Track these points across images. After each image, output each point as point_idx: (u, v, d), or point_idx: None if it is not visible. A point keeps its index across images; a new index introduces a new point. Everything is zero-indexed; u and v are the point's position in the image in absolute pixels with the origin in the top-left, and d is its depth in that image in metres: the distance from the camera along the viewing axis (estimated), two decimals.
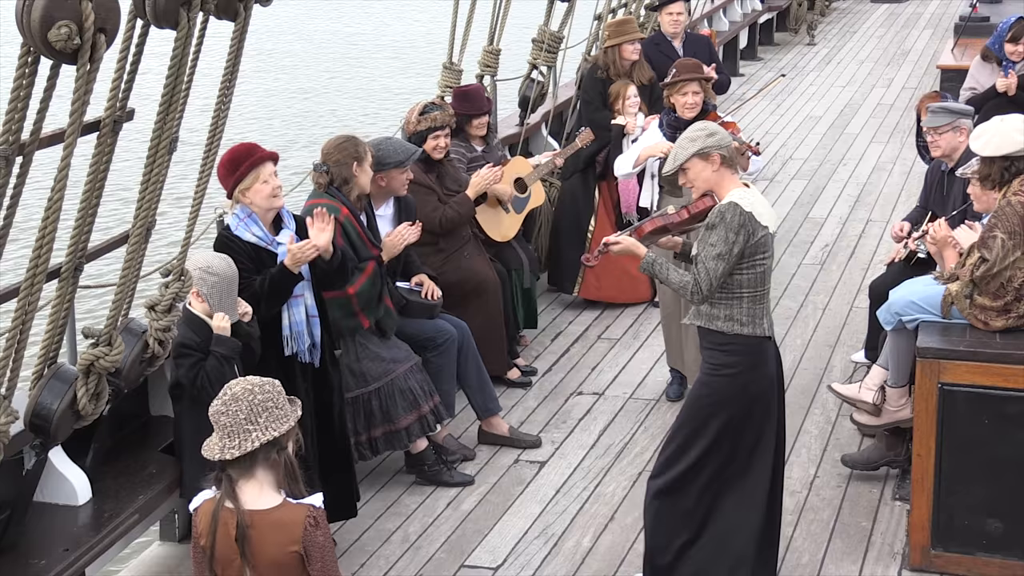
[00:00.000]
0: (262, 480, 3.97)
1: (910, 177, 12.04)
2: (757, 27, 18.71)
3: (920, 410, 5.92)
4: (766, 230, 5.30)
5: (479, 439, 7.34)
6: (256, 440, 3.91)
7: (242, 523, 3.93)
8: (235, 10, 4.81)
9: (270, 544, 3.94)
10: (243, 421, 3.92)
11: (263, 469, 3.96)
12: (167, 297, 5.16)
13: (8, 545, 4.98)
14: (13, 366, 4.48)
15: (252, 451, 3.91)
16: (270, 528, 3.94)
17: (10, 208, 4.26)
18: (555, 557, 6.22)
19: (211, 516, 3.97)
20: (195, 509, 4.08)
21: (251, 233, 5.90)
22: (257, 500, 3.97)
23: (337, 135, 6.90)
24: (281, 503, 3.98)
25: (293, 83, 23.53)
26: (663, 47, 10.08)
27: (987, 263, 5.94)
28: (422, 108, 7.75)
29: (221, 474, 3.98)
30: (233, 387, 3.98)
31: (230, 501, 3.95)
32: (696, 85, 7.84)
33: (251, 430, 3.91)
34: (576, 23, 10.34)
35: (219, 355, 5.48)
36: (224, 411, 3.94)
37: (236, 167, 5.86)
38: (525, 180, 8.51)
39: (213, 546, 3.98)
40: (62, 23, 4.06)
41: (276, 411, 3.96)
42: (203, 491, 4.08)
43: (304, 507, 3.98)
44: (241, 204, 5.90)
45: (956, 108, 7.50)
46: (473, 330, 7.35)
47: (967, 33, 13.52)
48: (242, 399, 3.93)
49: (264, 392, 3.97)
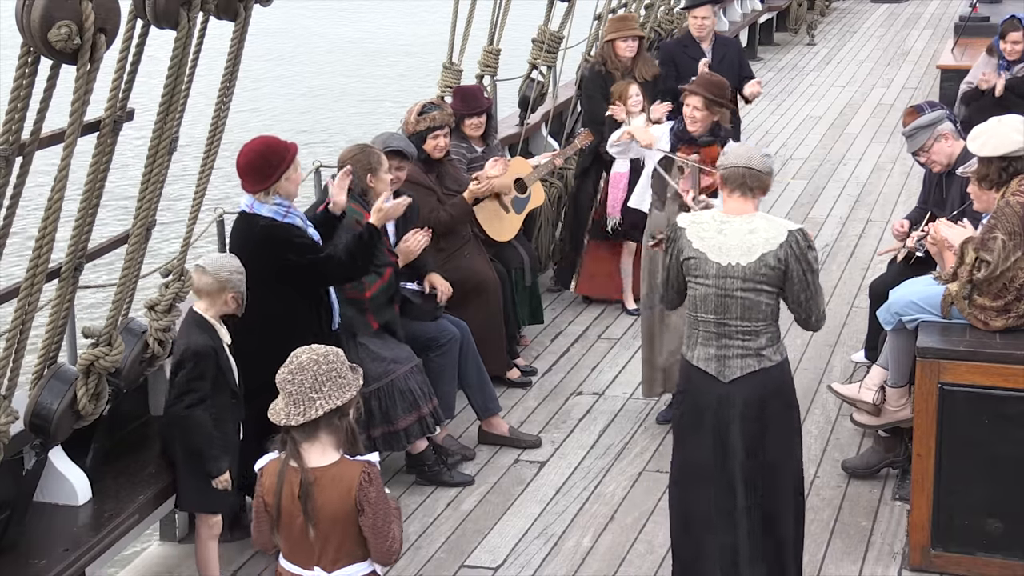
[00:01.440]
0: (324, 443, 4.19)
1: (910, 177, 12.03)
2: (757, 27, 18.70)
3: (920, 410, 5.92)
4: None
5: (479, 439, 7.34)
6: (320, 408, 4.12)
7: (305, 481, 4.14)
8: (235, 10, 4.83)
9: (328, 499, 4.15)
10: (308, 390, 4.13)
11: (326, 433, 4.18)
12: (167, 297, 5.17)
13: (8, 545, 4.98)
14: (13, 366, 4.48)
15: (316, 418, 4.12)
16: (329, 483, 4.15)
17: (10, 208, 4.27)
18: (555, 557, 6.22)
19: (277, 475, 4.19)
20: (260, 469, 4.29)
21: (299, 219, 6.10)
22: (319, 459, 4.18)
23: (352, 145, 7.00)
24: (339, 459, 4.19)
25: (292, 83, 23.52)
26: (690, 49, 9.86)
27: (988, 265, 5.92)
28: (421, 108, 7.75)
29: (286, 436, 4.19)
30: (299, 356, 4.19)
31: (295, 461, 4.17)
32: (698, 100, 7.36)
33: (315, 398, 4.13)
34: (576, 23, 10.32)
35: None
36: (291, 379, 4.15)
37: (279, 161, 5.98)
38: (525, 180, 8.51)
39: (279, 504, 4.19)
40: (62, 23, 4.07)
41: (339, 380, 4.17)
42: (268, 453, 4.30)
43: (360, 464, 4.19)
44: (277, 195, 6.02)
45: (925, 120, 7.43)
46: (473, 330, 7.35)
47: (967, 33, 13.51)
48: (308, 368, 4.15)
49: (329, 362, 4.18)
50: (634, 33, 9.33)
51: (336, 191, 6.32)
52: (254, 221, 6.03)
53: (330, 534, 4.18)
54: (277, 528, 4.24)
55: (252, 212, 6.04)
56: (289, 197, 6.08)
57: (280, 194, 6.03)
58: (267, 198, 6.01)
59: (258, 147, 6.02)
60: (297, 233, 6.05)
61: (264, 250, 5.95)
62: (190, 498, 5.65)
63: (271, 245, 5.96)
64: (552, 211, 9.44)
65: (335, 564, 4.21)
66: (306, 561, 4.23)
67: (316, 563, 4.22)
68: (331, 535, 4.19)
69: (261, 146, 6.02)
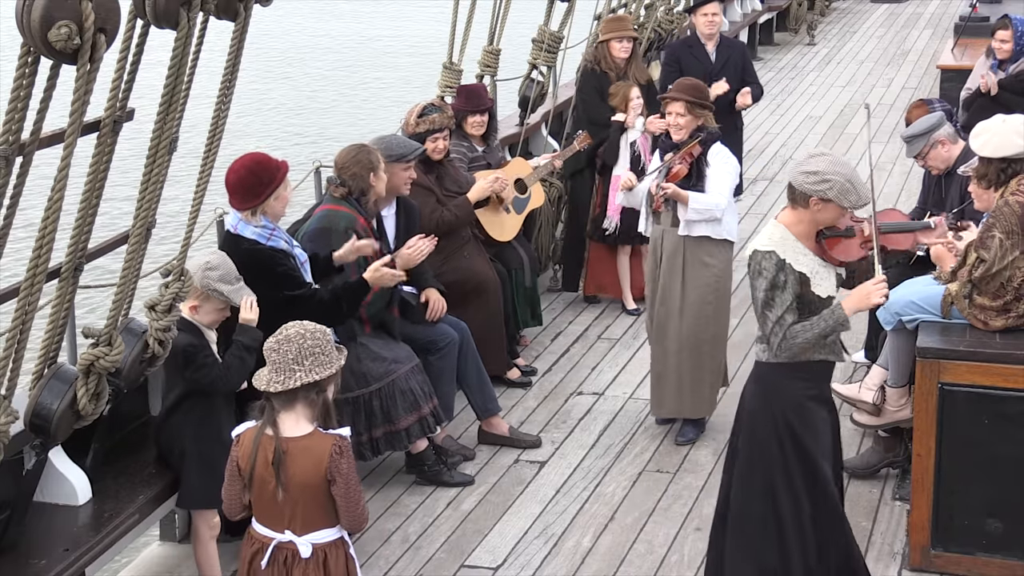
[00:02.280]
0: (300, 414, 4.43)
1: (910, 177, 12.03)
2: (757, 27, 18.70)
3: (920, 410, 5.92)
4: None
5: (479, 439, 7.34)
6: (299, 380, 4.36)
7: (279, 449, 4.40)
8: (235, 10, 4.82)
9: (300, 468, 4.40)
10: (290, 361, 4.37)
11: (303, 405, 4.42)
12: (167, 297, 5.16)
13: (8, 545, 4.97)
14: (13, 366, 4.48)
15: (294, 388, 4.35)
16: (300, 453, 4.40)
17: (10, 208, 4.26)
18: (555, 557, 6.22)
19: (252, 442, 4.44)
20: (237, 436, 4.55)
21: (283, 242, 6.00)
22: (293, 429, 4.43)
23: (348, 146, 6.90)
24: (312, 432, 4.44)
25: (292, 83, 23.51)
26: (696, 50, 9.83)
27: (985, 263, 5.93)
28: (421, 110, 7.75)
29: (265, 403, 4.44)
30: (288, 329, 4.43)
31: (270, 429, 4.43)
32: (680, 106, 7.11)
33: (296, 370, 4.37)
34: (576, 23, 10.32)
35: (243, 344, 5.54)
36: (276, 348, 4.40)
37: (269, 180, 5.90)
38: (525, 181, 8.51)
39: (253, 469, 4.45)
40: (62, 23, 4.06)
41: (322, 356, 4.39)
42: (245, 422, 4.58)
43: (332, 436, 4.44)
44: (263, 215, 5.95)
45: (921, 127, 7.44)
46: (473, 330, 7.35)
47: (967, 33, 13.51)
48: (293, 341, 4.39)
49: (314, 338, 4.41)
50: (629, 34, 9.28)
51: (348, 253, 6.34)
52: (238, 243, 5.96)
53: (300, 500, 4.43)
54: (249, 492, 4.50)
55: (236, 233, 5.98)
56: (276, 217, 6.01)
57: (267, 213, 5.96)
58: (253, 218, 5.94)
59: (248, 164, 5.93)
60: (280, 261, 5.95)
61: (249, 276, 5.84)
62: (192, 495, 5.64)
63: (254, 271, 5.84)
64: (552, 211, 9.44)
65: (304, 528, 4.47)
66: (277, 524, 4.49)
67: (287, 526, 4.47)
68: (300, 501, 4.44)
69: (251, 163, 5.94)
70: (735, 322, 9.07)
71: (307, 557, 4.47)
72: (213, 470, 5.55)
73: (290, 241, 6.09)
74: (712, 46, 9.85)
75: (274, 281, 5.91)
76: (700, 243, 7.05)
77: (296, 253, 6.08)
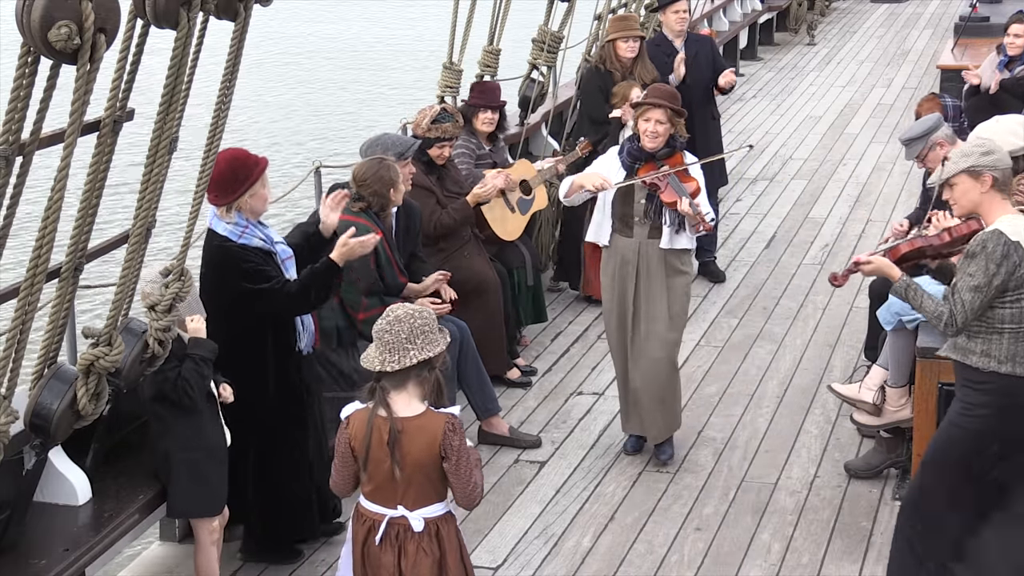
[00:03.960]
0: (411, 393, 4.53)
1: (910, 177, 12.03)
2: (757, 27, 18.69)
3: (920, 410, 5.92)
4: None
5: (479, 439, 7.34)
6: (414, 358, 4.46)
7: (394, 429, 4.48)
8: (235, 10, 4.81)
9: (415, 447, 4.50)
10: (404, 340, 4.46)
11: (414, 384, 4.52)
12: (167, 297, 5.15)
13: (8, 545, 4.98)
14: (13, 366, 4.47)
15: (408, 367, 4.45)
16: (415, 432, 4.50)
17: (10, 208, 4.26)
18: (555, 557, 6.22)
19: (366, 423, 4.52)
20: (346, 418, 4.62)
21: (258, 239, 5.88)
22: (406, 409, 4.53)
23: (367, 160, 6.90)
24: (424, 411, 4.54)
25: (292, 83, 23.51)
26: (664, 47, 9.83)
27: None
28: (435, 116, 7.74)
29: (376, 385, 4.53)
30: (396, 310, 4.54)
31: (383, 410, 4.51)
32: (661, 113, 6.81)
33: (409, 348, 4.46)
34: (576, 23, 10.32)
35: (197, 357, 5.48)
36: (388, 329, 4.48)
37: (245, 177, 5.80)
38: (530, 183, 8.53)
39: (368, 449, 4.53)
40: (62, 23, 4.06)
41: (431, 335, 4.51)
42: (352, 404, 4.65)
43: (444, 415, 4.54)
44: (238, 212, 5.84)
45: (919, 130, 7.43)
46: (473, 330, 7.35)
47: (967, 33, 13.50)
48: (405, 321, 4.48)
49: (423, 318, 4.52)
50: (636, 34, 9.31)
51: (326, 211, 6.19)
52: (211, 239, 5.90)
53: (413, 478, 4.54)
54: (364, 472, 4.57)
55: (211, 228, 5.92)
56: (255, 214, 5.88)
57: (243, 210, 5.83)
58: (227, 215, 5.83)
59: (227, 159, 5.81)
60: (248, 257, 5.81)
61: (217, 273, 5.82)
62: (180, 504, 5.61)
63: (222, 268, 5.81)
64: (552, 212, 9.44)
65: (416, 503, 4.58)
66: (389, 501, 4.59)
67: (399, 502, 4.58)
68: (414, 478, 4.55)
69: (230, 158, 5.82)
70: (734, 322, 9.09)
71: (420, 531, 4.58)
72: (201, 478, 5.54)
73: (269, 238, 5.94)
74: (680, 43, 9.86)
75: (240, 277, 5.79)
76: (676, 252, 6.91)
77: (278, 250, 5.96)
